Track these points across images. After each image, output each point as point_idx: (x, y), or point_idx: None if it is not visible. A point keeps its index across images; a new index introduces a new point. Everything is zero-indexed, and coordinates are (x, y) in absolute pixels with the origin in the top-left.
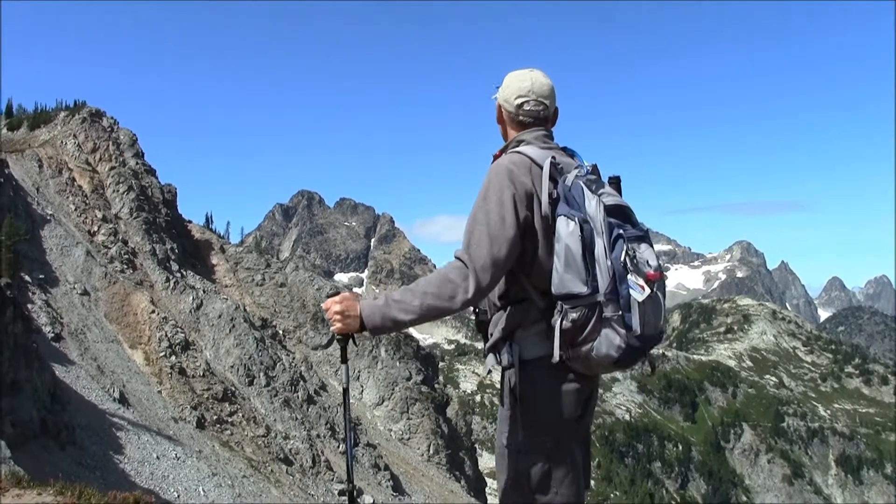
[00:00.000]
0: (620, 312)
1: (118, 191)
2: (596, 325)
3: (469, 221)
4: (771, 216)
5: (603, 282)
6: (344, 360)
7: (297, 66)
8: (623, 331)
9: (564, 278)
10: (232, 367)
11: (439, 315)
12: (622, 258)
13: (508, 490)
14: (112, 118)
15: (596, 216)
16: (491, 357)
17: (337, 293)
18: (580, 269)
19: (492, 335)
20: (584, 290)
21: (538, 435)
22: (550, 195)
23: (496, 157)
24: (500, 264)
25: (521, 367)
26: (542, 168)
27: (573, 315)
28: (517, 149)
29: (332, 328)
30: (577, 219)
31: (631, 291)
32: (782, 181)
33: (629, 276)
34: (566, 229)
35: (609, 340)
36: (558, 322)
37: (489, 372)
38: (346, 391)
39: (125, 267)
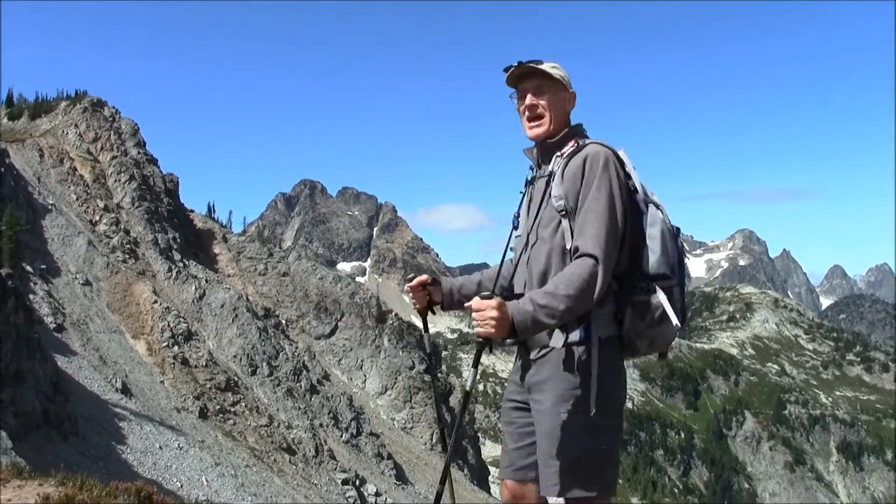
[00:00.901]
0: (681, 296)
1: (120, 180)
2: (670, 306)
3: (588, 215)
4: (773, 204)
5: (674, 266)
6: (476, 363)
7: (299, 54)
8: (678, 315)
9: (660, 260)
10: (234, 356)
11: (577, 315)
12: (682, 245)
13: (571, 469)
14: (114, 108)
15: (660, 205)
16: (558, 334)
17: (490, 296)
18: (670, 253)
19: None
20: (669, 272)
21: (608, 414)
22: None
23: (549, 142)
24: (616, 255)
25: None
26: (620, 159)
27: (662, 295)
28: (592, 140)
29: (479, 330)
30: (661, 207)
31: (685, 279)
32: (785, 169)
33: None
34: (658, 216)
35: (674, 323)
36: (657, 298)
37: (543, 350)
38: (467, 394)
39: (127, 257)
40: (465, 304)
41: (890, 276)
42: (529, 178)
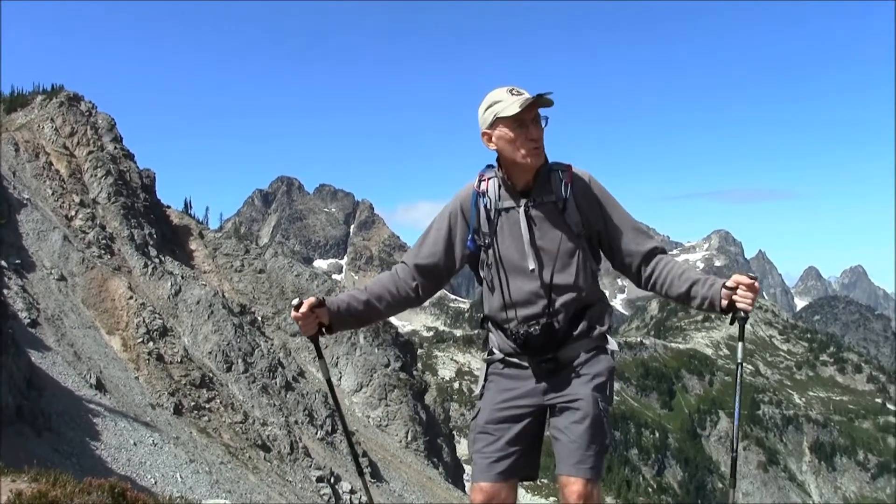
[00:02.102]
0: None
1: (96, 175)
2: None
3: (633, 221)
4: (750, 204)
5: None
6: (743, 337)
7: (275, 49)
8: None
9: None
10: (210, 353)
11: None
12: None
13: (603, 453)
14: (90, 102)
15: None
16: (601, 334)
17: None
18: None
19: (592, 324)
20: None
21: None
22: None
23: (569, 169)
24: None
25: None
26: None
27: None
28: (564, 163)
29: (749, 307)
30: None
31: None
32: (762, 170)
33: None
34: None
35: None
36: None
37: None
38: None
39: (103, 252)
40: (747, 282)
41: (864, 277)
42: (505, 207)
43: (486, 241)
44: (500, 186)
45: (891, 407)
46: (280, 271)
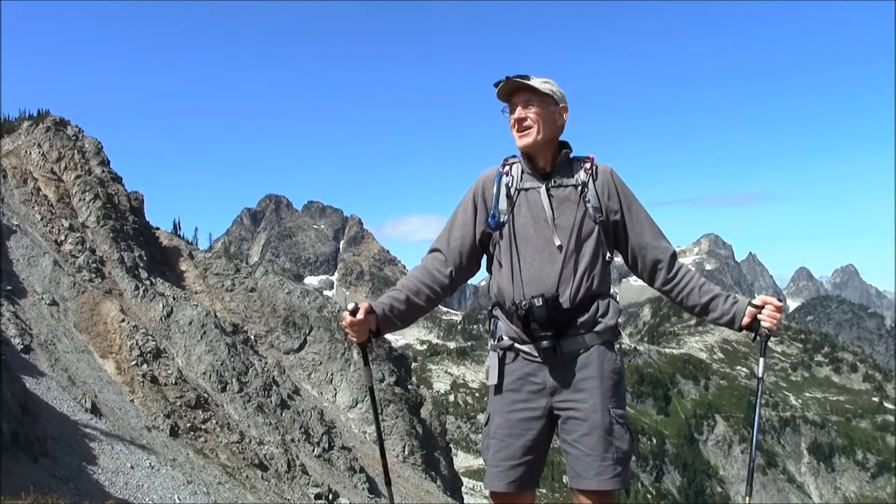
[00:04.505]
0: None
1: (84, 199)
2: None
3: (651, 220)
4: (737, 207)
5: None
6: (764, 353)
7: (259, 67)
8: None
9: None
10: (204, 373)
11: None
12: None
13: (624, 459)
14: (77, 126)
15: None
16: (608, 330)
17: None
18: None
19: (599, 316)
20: None
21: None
22: None
23: (590, 159)
24: None
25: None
26: None
27: None
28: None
29: (773, 327)
30: None
31: None
32: (746, 173)
33: None
34: None
35: None
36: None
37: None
38: (759, 381)
39: (93, 276)
40: (777, 304)
41: (855, 276)
42: (525, 186)
43: (503, 218)
44: (522, 171)
45: (888, 406)
46: (271, 289)
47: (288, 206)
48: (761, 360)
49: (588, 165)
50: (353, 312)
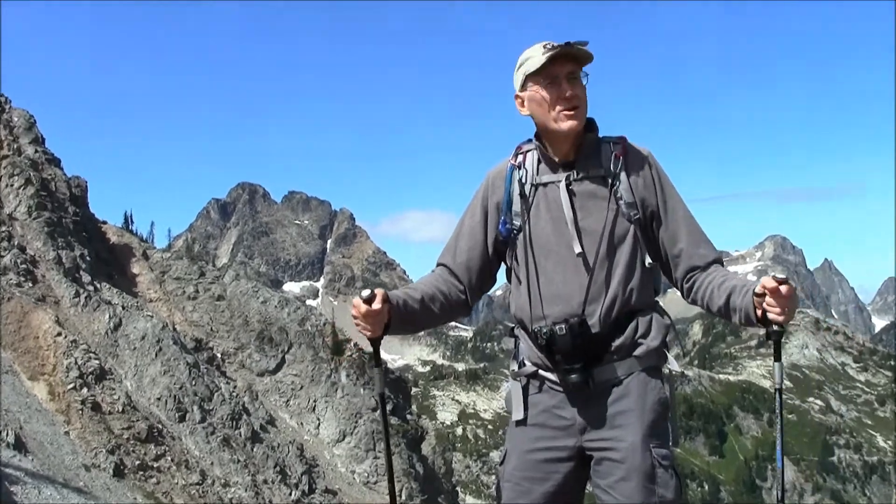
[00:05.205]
0: None
1: (13, 185)
2: None
3: (691, 219)
4: (812, 204)
5: None
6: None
7: (234, 40)
8: None
9: None
10: (159, 399)
11: None
12: None
13: (675, 502)
14: (4, 96)
15: None
16: (650, 354)
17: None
18: None
19: (640, 337)
20: None
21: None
22: None
23: (622, 140)
24: None
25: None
26: None
27: None
28: (620, 137)
29: (781, 318)
30: None
31: None
32: (827, 162)
33: None
34: None
35: None
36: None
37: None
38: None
39: (23, 279)
40: (772, 285)
41: None
42: (543, 181)
43: (519, 222)
44: (538, 160)
45: None
46: (243, 297)
47: (265, 196)
48: (776, 365)
49: (620, 150)
50: (369, 300)
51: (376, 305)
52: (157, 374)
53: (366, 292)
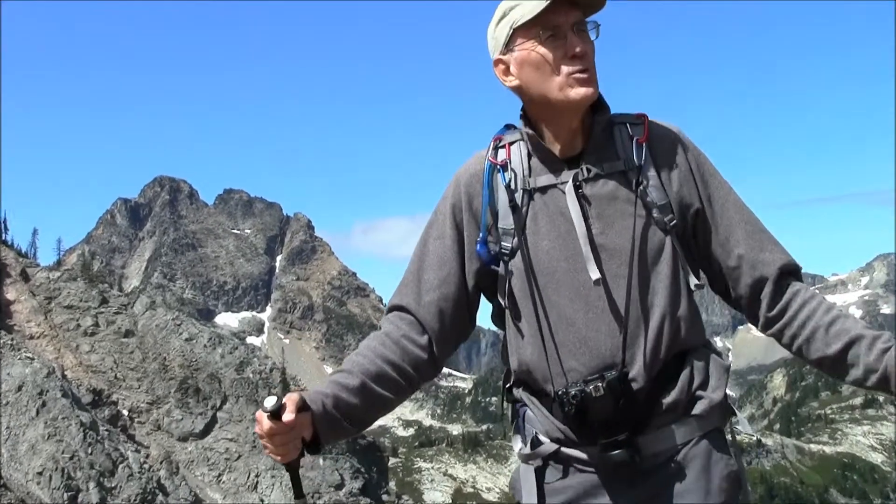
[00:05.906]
0: None
1: None
2: None
3: (751, 217)
4: None
5: None
6: None
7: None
8: None
9: None
10: (40, 473)
11: None
12: None
13: None
14: None
15: None
16: (713, 414)
17: None
18: None
19: (696, 386)
20: None
21: None
22: None
23: (643, 120)
24: None
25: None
26: None
27: None
28: (637, 114)
29: None
30: None
31: None
32: None
33: None
34: None
35: None
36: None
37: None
38: None
39: None
40: None
41: None
42: (540, 185)
43: (510, 244)
44: (529, 154)
45: None
46: (160, 334)
47: (191, 197)
48: None
49: (642, 133)
50: (276, 413)
51: (286, 418)
52: (39, 439)
53: (269, 401)
